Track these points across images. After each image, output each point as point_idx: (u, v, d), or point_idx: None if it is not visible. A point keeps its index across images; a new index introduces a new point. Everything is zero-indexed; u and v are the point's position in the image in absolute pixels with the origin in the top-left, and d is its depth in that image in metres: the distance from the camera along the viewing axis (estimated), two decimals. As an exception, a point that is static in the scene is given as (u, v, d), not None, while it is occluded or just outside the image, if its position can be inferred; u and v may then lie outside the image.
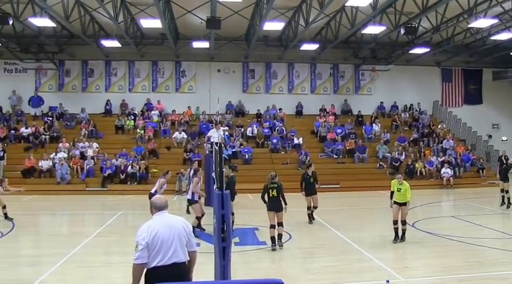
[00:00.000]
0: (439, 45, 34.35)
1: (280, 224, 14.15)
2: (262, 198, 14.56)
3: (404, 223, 14.59)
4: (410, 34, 28.31)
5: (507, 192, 21.29)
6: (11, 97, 35.72)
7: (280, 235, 14.12)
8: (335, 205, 23.92)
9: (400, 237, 14.55)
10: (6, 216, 18.17)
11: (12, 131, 33.09)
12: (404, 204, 14.63)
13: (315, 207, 18.82)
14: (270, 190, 14.40)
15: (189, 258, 6.84)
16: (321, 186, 28.81)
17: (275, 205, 14.27)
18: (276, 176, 14.91)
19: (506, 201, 21.30)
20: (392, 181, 15.12)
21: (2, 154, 29.92)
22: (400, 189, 14.68)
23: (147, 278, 6.61)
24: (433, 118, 38.19)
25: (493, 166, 34.64)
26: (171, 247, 6.60)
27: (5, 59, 35.42)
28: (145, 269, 6.61)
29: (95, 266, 12.48)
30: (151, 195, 14.02)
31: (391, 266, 11.92)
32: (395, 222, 14.65)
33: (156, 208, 6.98)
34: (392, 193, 14.94)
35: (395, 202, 14.78)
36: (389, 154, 32.26)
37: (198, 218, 16.39)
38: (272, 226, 14.05)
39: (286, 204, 14.39)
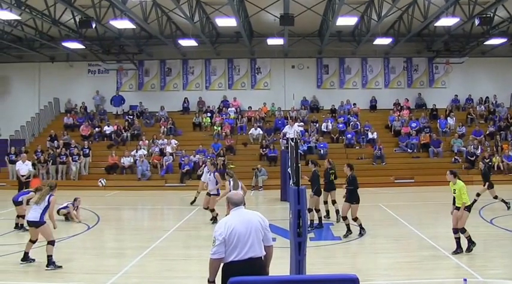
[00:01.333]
0: (516, 35, 33.18)
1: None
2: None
3: (463, 231, 12.55)
4: (486, 24, 27.33)
5: None
6: (94, 97, 36.94)
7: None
8: (409, 200, 23.58)
9: (466, 248, 12.57)
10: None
11: (96, 129, 34.21)
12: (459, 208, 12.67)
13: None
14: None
15: (265, 253, 6.83)
16: (395, 181, 28.86)
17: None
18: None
19: None
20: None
21: (87, 151, 31.04)
22: (455, 190, 12.78)
23: (224, 272, 6.65)
24: (511, 111, 36.89)
25: None
26: (247, 242, 6.62)
27: (89, 60, 36.63)
28: (222, 264, 6.67)
29: (173, 259, 12.78)
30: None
31: (469, 265, 11.50)
32: (454, 231, 12.70)
33: (232, 203, 7.01)
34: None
35: (456, 207, 12.84)
36: (464, 149, 31.31)
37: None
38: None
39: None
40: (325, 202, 17.94)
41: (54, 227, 12.20)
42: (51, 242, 11.72)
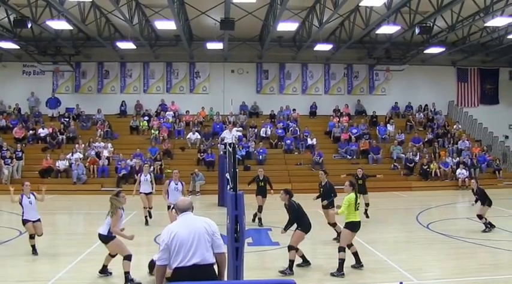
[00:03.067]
0: (454, 44, 34.11)
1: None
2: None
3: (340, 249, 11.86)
4: (425, 33, 28.14)
5: None
6: (29, 99, 36.18)
7: None
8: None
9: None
10: None
11: (31, 132, 33.45)
12: None
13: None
14: None
15: (214, 260, 6.74)
16: (335, 187, 29.12)
17: None
18: None
19: None
20: None
21: (20, 154, 30.38)
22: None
23: (171, 278, 6.61)
24: (449, 119, 37.84)
25: (509, 167, 34.32)
26: (191, 249, 6.56)
27: (24, 61, 35.86)
28: (171, 270, 6.63)
29: (109, 265, 12.53)
30: (104, 237, 11.41)
31: (405, 268, 11.82)
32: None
33: (179, 209, 7.00)
34: None
35: None
36: (403, 155, 32.00)
37: None
38: None
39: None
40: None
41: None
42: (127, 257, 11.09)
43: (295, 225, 12.64)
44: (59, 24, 26.75)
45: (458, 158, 32.10)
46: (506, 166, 34.39)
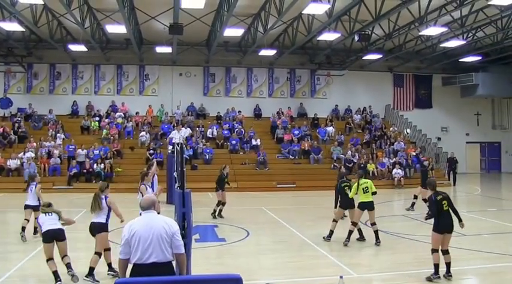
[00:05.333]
0: (391, 51, 34.73)
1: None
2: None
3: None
4: (364, 41, 28.58)
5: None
6: (-20, 99, 35.12)
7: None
8: (291, 204, 24.01)
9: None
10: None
11: (-19, 131, 32.51)
12: None
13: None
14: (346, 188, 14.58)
15: (173, 259, 6.66)
16: (278, 185, 29.24)
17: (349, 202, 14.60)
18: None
19: None
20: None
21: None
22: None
23: (131, 273, 6.53)
24: (385, 121, 38.39)
25: (442, 167, 34.99)
26: (149, 247, 6.47)
27: (-25, 61, 34.81)
28: (130, 265, 6.57)
29: (61, 262, 12.25)
30: (102, 226, 11.17)
31: (345, 263, 11.89)
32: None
33: (141, 207, 6.92)
34: None
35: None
36: (343, 156, 32.25)
37: None
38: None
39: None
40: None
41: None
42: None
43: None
44: (11, 26, 26.12)
45: (394, 158, 32.53)
46: (439, 166, 34.99)
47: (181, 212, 7.85)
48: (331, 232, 14.36)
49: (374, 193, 14.22)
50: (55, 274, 10.25)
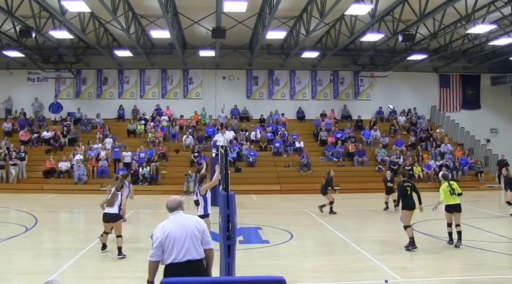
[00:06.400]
0: (436, 51, 33.95)
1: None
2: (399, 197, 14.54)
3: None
4: (408, 41, 28.04)
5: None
6: (33, 104, 36.31)
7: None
8: (335, 206, 23.77)
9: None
10: None
11: (35, 135, 33.66)
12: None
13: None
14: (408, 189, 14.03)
15: (204, 256, 6.83)
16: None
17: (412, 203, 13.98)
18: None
19: None
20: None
21: (23, 155, 30.53)
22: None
23: (164, 274, 6.63)
24: (431, 123, 37.71)
25: (491, 170, 34.24)
26: (184, 246, 6.63)
27: (29, 69, 35.94)
28: (163, 266, 6.69)
29: (108, 260, 12.61)
30: (116, 216, 12.93)
31: (390, 267, 11.66)
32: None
33: (169, 209, 7.05)
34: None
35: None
36: (387, 158, 31.95)
37: None
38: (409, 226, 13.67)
39: (421, 203, 13.98)
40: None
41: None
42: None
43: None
44: (61, 34, 26.75)
45: (440, 161, 31.94)
46: (488, 169, 34.23)
47: (226, 214, 7.88)
48: (412, 239, 13.59)
49: (460, 195, 14.06)
50: (104, 245, 13.08)
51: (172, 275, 6.37)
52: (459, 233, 13.87)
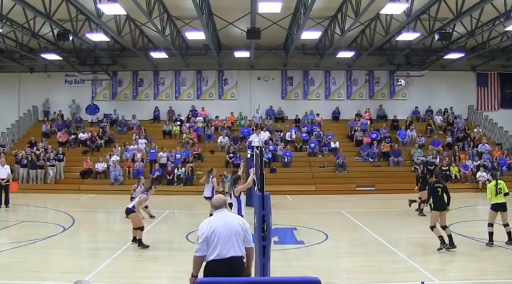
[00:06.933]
0: (474, 49, 33.37)
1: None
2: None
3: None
4: (445, 40, 27.52)
5: None
6: (71, 106, 36.90)
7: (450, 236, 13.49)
8: (371, 207, 23.62)
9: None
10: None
11: (72, 136, 34.28)
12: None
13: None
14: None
15: (245, 253, 6.98)
16: (357, 188, 28.91)
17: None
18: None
19: None
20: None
21: (61, 156, 31.13)
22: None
23: (206, 269, 6.80)
24: (469, 122, 37.02)
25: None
26: (228, 242, 6.78)
27: (66, 71, 36.71)
28: (205, 262, 6.83)
29: (144, 260, 12.75)
30: (128, 210, 13.98)
31: (426, 268, 11.47)
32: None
33: (213, 207, 7.28)
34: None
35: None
36: (424, 158, 31.36)
37: None
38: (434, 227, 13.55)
39: (448, 204, 13.74)
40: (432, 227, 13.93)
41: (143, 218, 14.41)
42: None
43: None
44: (97, 37, 27.28)
45: (478, 161, 31.37)
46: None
47: (261, 214, 7.87)
48: (441, 237, 13.39)
49: (506, 194, 14.00)
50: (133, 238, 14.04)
51: (214, 272, 6.56)
52: (509, 233, 13.90)
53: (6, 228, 18.16)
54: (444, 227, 13.53)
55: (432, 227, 13.57)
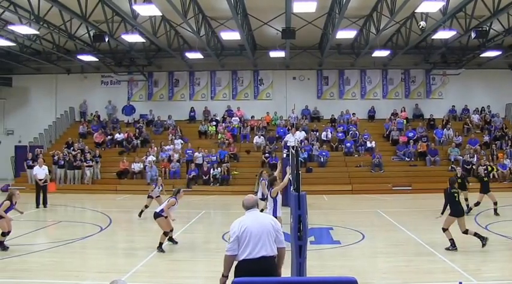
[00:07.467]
0: (511, 47, 32.91)
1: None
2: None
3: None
4: (482, 37, 27.10)
5: None
6: (107, 107, 37.44)
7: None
8: (407, 206, 23.41)
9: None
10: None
11: (109, 137, 34.74)
12: None
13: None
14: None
15: (277, 253, 7.02)
16: (393, 188, 28.65)
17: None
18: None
19: None
20: None
21: (98, 157, 31.69)
22: None
23: (237, 269, 6.86)
24: (506, 121, 36.26)
25: None
26: (259, 242, 6.84)
27: (102, 72, 37.33)
28: (236, 262, 6.91)
29: (180, 260, 12.87)
30: (156, 214, 13.92)
31: (464, 269, 11.34)
32: None
33: (245, 207, 7.30)
34: None
35: None
36: (461, 157, 31.10)
37: None
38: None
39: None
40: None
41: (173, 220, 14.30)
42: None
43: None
44: (133, 38, 27.51)
45: (517, 160, 30.84)
46: None
47: (297, 214, 7.88)
48: (452, 240, 13.40)
49: None
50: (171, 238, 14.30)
51: (244, 272, 6.56)
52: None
53: (45, 228, 18.51)
54: (466, 232, 13.42)
55: (444, 230, 13.57)
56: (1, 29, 26.15)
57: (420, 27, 22.63)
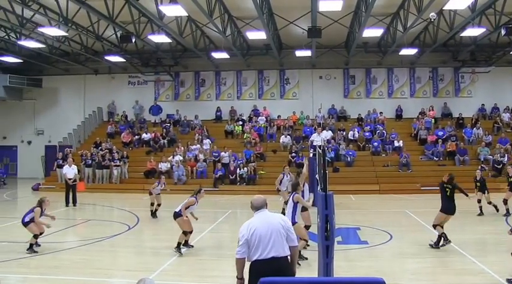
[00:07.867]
0: (542, 44, 32.41)
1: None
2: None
3: None
4: (512, 34, 26.94)
5: None
6: (134, 107, 37.81)
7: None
8: (436, 207, 23.08)
9: None
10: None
11: (136, 136, 35.05)
12: None
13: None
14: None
15: (289, 252, 6.96)
16: (422, 188, 28.34)
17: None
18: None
19: None
20: None
21: (125, 156, 32.06)
22: None
23: (250, 270, 6.86)
24: (538, 119, 35.87)
25: None
26: (269, 242, 6.79)
27: (129, 72, 37.75)
28: (249, 263, 6.90)
29: (207, 259, 12.97)
30: (175, 214, 13.90)
31: (495, 270, 11.14)
32: None
33: (254, 207, 7.25)
34: None
35: None
36: (491, 157, 30.63)
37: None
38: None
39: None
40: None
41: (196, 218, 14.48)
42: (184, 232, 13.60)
43: None
44: (159, 38, 27.75)
45: (548, 160, 30.21)
46: None
47: (324, 214, 7.86)
48: (443, 235, 13.51)
49: None
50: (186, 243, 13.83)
51: (257, 272, 6.51)
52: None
53: (74, 226, 18.75)
54: (435, 227, 13.76)
55: (435, 226, 13.76)
56: (32, 31, 26.60)
57: (431, 18, 22.18)
